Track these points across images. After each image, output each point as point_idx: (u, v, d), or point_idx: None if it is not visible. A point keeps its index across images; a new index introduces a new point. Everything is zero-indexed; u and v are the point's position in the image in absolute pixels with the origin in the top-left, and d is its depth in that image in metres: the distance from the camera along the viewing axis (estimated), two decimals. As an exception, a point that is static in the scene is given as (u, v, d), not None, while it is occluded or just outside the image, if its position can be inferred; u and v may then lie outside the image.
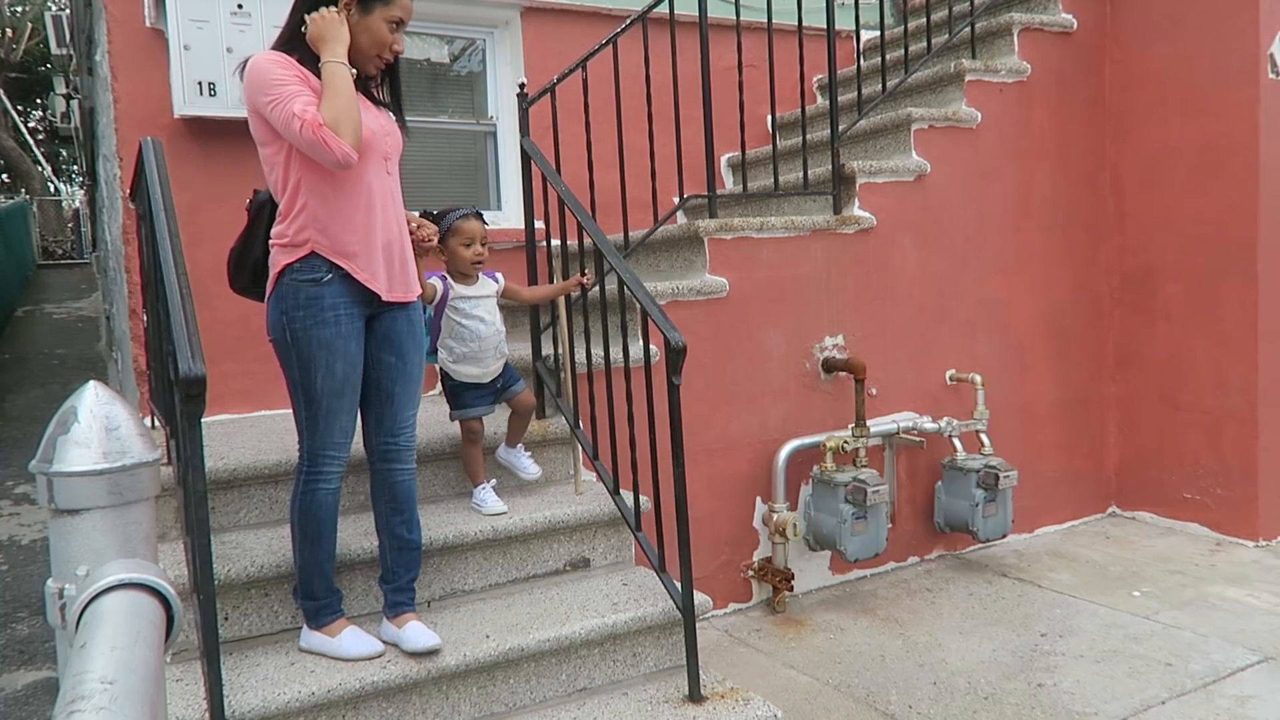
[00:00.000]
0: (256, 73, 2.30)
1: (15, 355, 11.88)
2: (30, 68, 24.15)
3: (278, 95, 2.26)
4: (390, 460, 2.61)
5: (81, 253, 24.47)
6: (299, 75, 2.32)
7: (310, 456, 2.47)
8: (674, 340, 2.66)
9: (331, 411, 2.42)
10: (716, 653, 3.57)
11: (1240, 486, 4.57)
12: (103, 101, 4.83)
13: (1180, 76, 4.67)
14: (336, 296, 2.39)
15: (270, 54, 2.37)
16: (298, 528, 2.50)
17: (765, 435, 4.03)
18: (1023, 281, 4.76)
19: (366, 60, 2.44)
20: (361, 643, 2.55)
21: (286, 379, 2.45)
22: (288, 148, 2.34)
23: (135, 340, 3.96)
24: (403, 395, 2.59)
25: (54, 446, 1.19)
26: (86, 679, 0.84)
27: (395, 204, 2.53)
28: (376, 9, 2.39)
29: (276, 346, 2.43)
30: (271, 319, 2.42)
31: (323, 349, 2.38)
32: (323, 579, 2.56)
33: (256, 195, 2.57)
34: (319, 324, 2.37)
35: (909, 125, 4.39)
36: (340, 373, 2.40)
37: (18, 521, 6.17)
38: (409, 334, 2.59)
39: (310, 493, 2.47)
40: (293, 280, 2.37)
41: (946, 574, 4.34)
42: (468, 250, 3.03)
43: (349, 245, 2.39)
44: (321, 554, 2.53)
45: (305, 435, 2.46)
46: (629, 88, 4.24)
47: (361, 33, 2.39)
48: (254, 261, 2.53)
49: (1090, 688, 3.18)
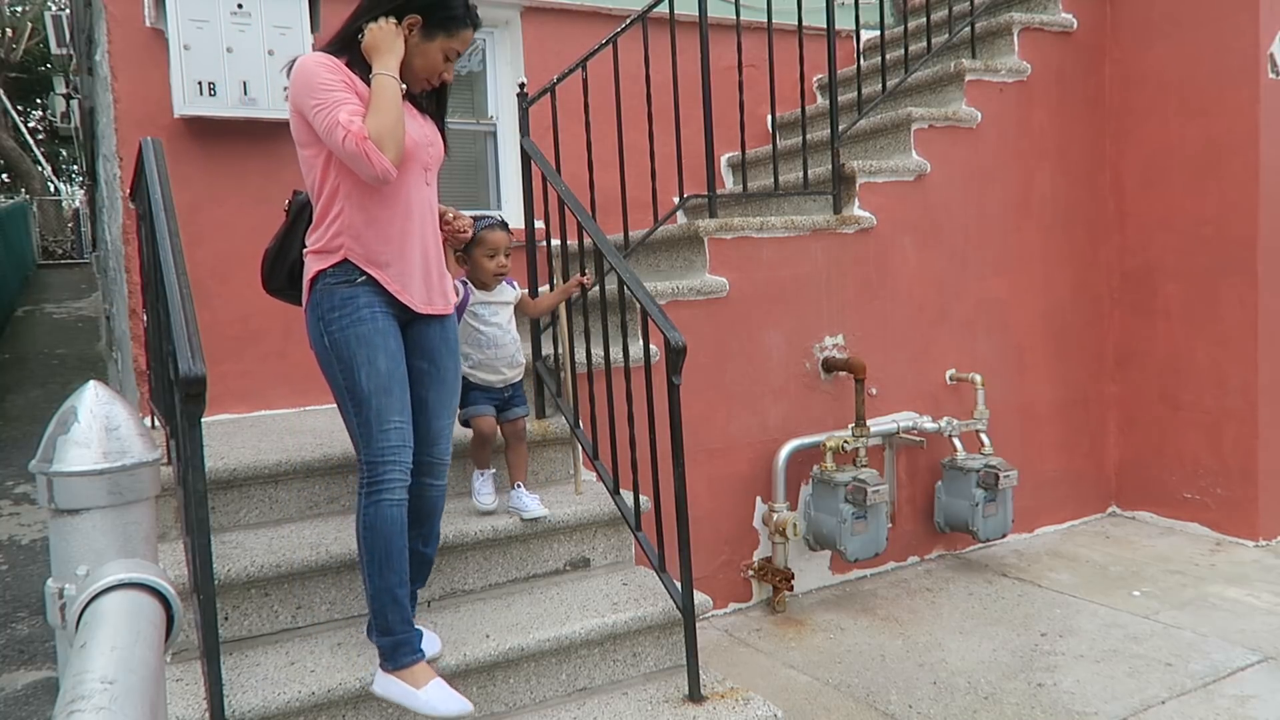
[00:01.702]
0: (304, 74, 2.26)
1: (15, 355, 11.88)
2: (30, 68, 24.15)
3: (323, 100, 2.22)
4: (424, 473, 2.49)
5: (81, 253, 24.47)
6: (346, 81, 2.27)
7: (369, 467, 2.33)
8: (674, 340, 2.66)
9: (382, 411, 2.31)
10: (716, 652, 3.57)
11: (1240, 486, 4.57)
12: (103, 101, 4.83)
13: (1180, 76, 4.67)
14: (371, 296, 2.33)
15: (319, 56, 2.31)
16: (365, 549, 2.33)
17: (765, 435, 4.03)
18: (1023, 281, 4.76)
19: (415, 81, 2.41)
20: (451, 701, 2.30)
21: (333, 391, 2.37)
22: (327, 152, 2.29)
23: (135, 340, 3.96)
24: (436, 402, 2.50)
25: (54, 446, 1.19)
26: (86, 679, 0.84)
27: (432, 215, 2.48)
28: (439, 38, 2.35)
29: (318, 356, 2.37)
30: (310, 328, 2.36)
31: (363, 345, 2.30)
32: (398, 609, 2.34)
33: (296, 196, 2.53)
34: (356, 321, 2.30)
35: (909, 125, 4.39)
36: (384, 367, 2.32)
37: (18, 521, 6.17)
38: (442, 341, 2.52)
39: (374, 506, 2.31)
40: (326, 284, 2.32)
41: (946, 574, 4.34)
42: (490, 262, 3.01)
43: (382, 255, 2.33)
44: (394, 578, 2.33)
45: (361, 445, 2.34)
46: (629, 88, 4.24)
47: (417, 55, 2.35)
48: (291, 264, 2.49)
49: (1090, 687, 3.18)
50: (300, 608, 2.75)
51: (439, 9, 2.33)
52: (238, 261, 4.13)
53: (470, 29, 2.38)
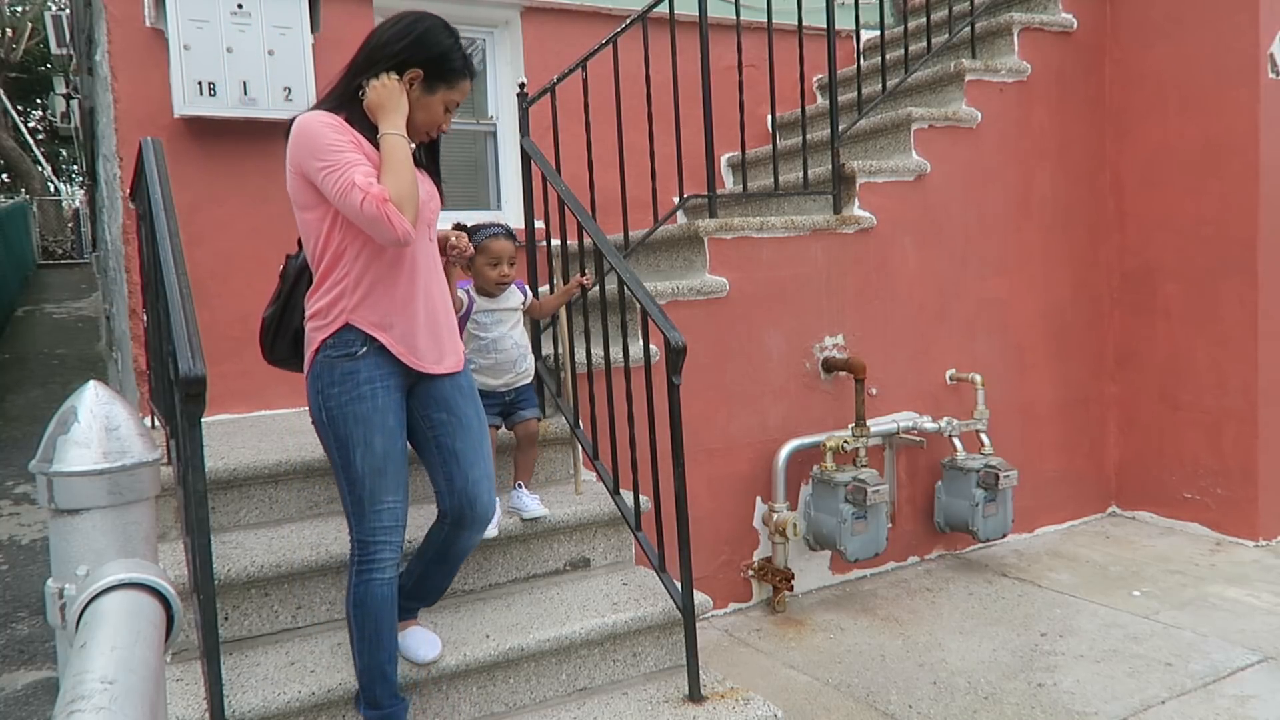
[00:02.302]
0: (307, 135, 2.17)
1: (15, 355, 11.88)
2: (30, 68, 24.15)
3: (333, 162, 2.13)
4: (464, 526, 2.44)
5: (81, 253, 24.47)
6: (353, 140, 2.19)
7: (360, 545, 2.30)
8: (674, 340, 2.66)
9: (375, 492, 2.27)
10: (716, 652, 3.57)
11: (1240, 486, 4.57)
12: (103, 101, 4.83)
13: (1180, 76, 4.67)
14: (373, 369, 2.25)
15: (321, 115, 2.22)
16: (354, 625, 2.32)
17: (765, 435, 4.03)
18: (1023, 281, 4.76)
19: (415, 134, 2.32)
20: None
21: (331, 464, 2.33)
22: (333, 213, 2.21)
23: (135, 340, 3.96)
24: (467, 451, 2.42)
25: (54, 446, 1.19)
26: (86, 679, 0.84)
27: (437, 271, 2.42)
28: (440, 90, 2.29)
29: (317, 428, 2.32)
30: (309, 398, 2.30)
31: (360, 424, 2.24)
32: (386, 684, 2.34)
33: (290, 261, 2.45)
34: (355, 399, 2.24)
35: (909, 125, 4.39)
36: (380, 448, 2.26)
37: (18, 521, 6.17)
38: (456, 390, 2.43)
39: (364, 584, 2.29)
40: (327, 357, 2.25)
41: (946, 574, 4.34)
42: (493, 270, 3.01)
43: (387, 315, 2.26)
44: (383, 654, 2.32)
45: (353, 523, 2.31)
46: (629, 88, 4.24)
47: (419, 109, 2.29)
48: (294, 332, 2.41)
49: (1090, 687, 3.18)
50: (300, 608, 2.75)
51: (440, 62, 2.27)
52: (238, 261, 4.13)
53: (468, 79, 2.33)
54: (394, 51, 2.24)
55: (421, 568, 2.54)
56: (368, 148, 2.21)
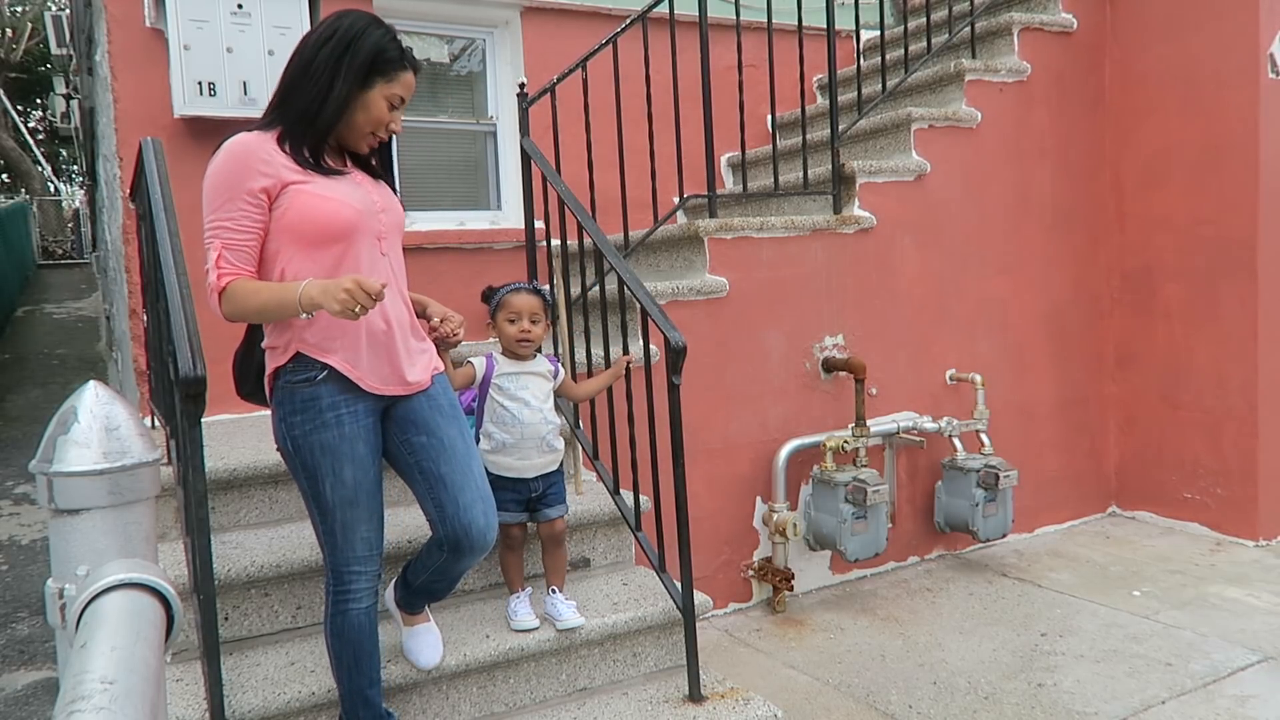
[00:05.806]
0: (209, 178, 2.09)
1: (15, 355, 11.89)
2: (30, 68, 24.15)
3: (212, 224, 2.07)
4: (462, 554, 2.31)
5: (81, 253, 24.49)
6: (249, 197, 2.07)
7: (335, 574, 2.23)
8: (674, 340, 2.66)
9: (348, 523, 2.18)
10: (717, 652, 3.57)
11: (1240, 486, 4.57)
12: (103, 101, 4.83)
13: (1180, 76, 4.67)
14: (334, 395, 2.15)
15: (242, 145, 2.11)
16: (334, 653, 2.27)
17: (765, 435, 4.03)
18: (1023, 281, 4.76)
19: (360, 138, 2.21)
20: None
21: (300, 493, 2.24)
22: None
23: (135, 340, 3.96)
24: (454, 475, 2.27)
25: (54, 446, 1.19)
26: (86, 679, 0.84)
27: (398, 284, 2.27)
28: (377, 84, 2.15)
29: (283, 457, 2.22)
30: (274, 428, 2.21)
31: (327, 455, 2.14)
32: (369, 708, 2.30)
33: None
34: (319, 427, 2.13)
35: (909, 125, 4.39)
36: (350, 479, 2.16)
37: (18, 521, 6.17)
38: (433, 409, 2.29)
39: (341, 614, 2.23)
40: (287, 383, 2.15)
41: (946, 574, 4.34)
42: (512, 327, 2.70)
43: (330, 340, 2.14)
44: (364, 680, 2.28)
45: (327, 552, 2.24)
46: (629, 88, 4.24)
47: (359, 110, 2.16)
48: (258, 367, 2.30)
49: (1090, 687, 3.18)
50: (300, 608, 2.75)
51: (373, 56, 2.14)
52: (238, 261, 4.12)
53: (410, 71, 2.19)
54: (325, 57, 2.13)
55: (421, 580, 2.46)
56: (285, 174, 2.11)
